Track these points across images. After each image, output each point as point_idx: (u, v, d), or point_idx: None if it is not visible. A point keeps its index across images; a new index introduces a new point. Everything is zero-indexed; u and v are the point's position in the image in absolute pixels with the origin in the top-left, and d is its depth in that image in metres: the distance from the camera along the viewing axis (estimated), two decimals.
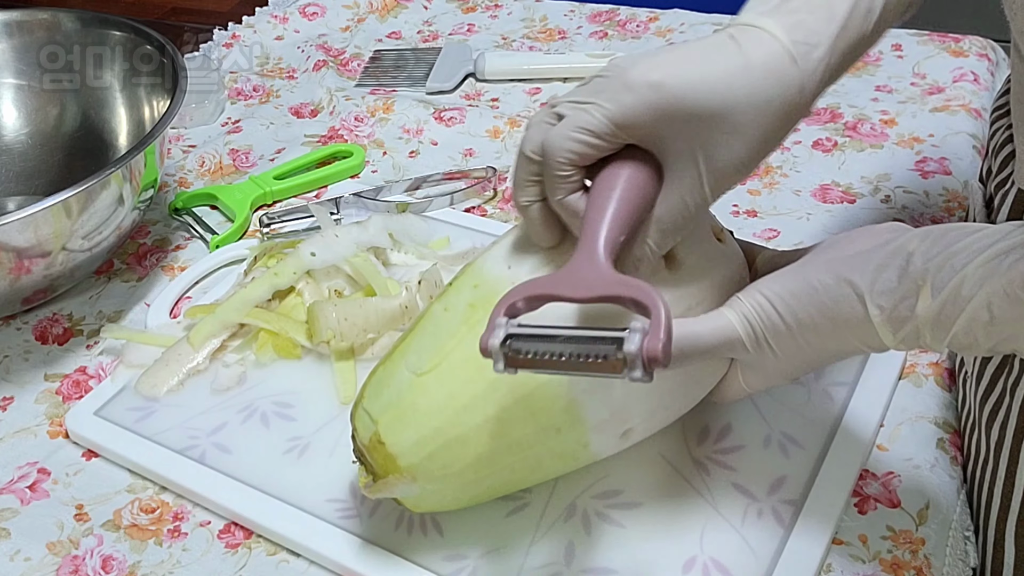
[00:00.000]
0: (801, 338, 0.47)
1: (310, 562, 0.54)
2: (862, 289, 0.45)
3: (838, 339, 0.46)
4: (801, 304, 0.46)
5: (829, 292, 0.46)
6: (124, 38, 0.81)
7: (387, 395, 0.50)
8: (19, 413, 0.65)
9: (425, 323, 0.51)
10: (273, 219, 0.79)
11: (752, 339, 0.47)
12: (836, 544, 0.53)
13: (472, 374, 0.48)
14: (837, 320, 0.45)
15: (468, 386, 0.48)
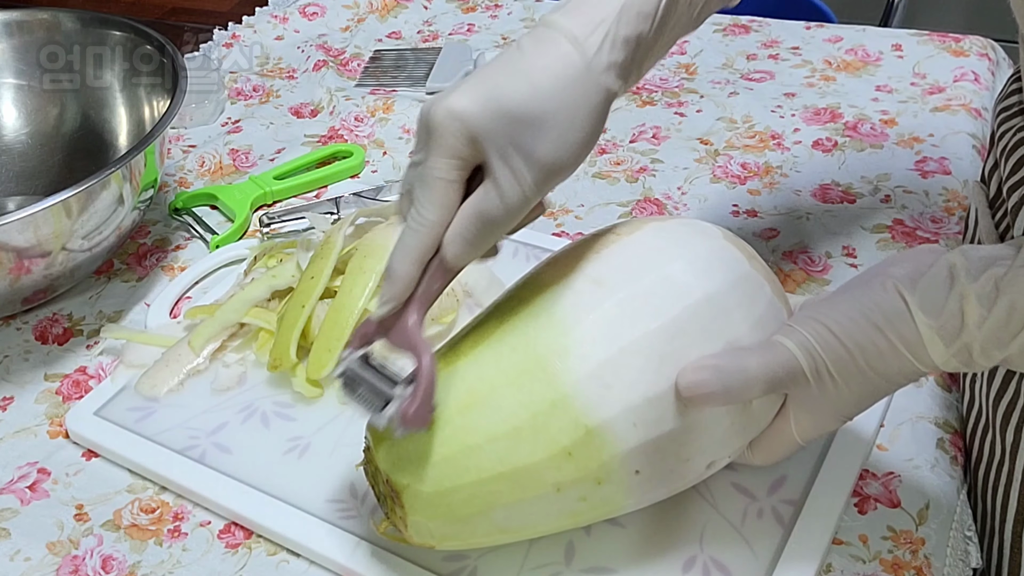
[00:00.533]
0: (862, 361, 0.45)
1: (310, 562, 0.54)
2: (913, 304, 0.44)
3: (896, 360, 0.45)
4: (858, 326, 0.45)
5: (882, 310, 0.45)
6: (124, 38, 0.81)
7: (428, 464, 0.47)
8: (19, 413, 0.65)
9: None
10: (273, 219, 0.79)
11: (813, 369, 0.45)
12: (836, 544, 0.53)
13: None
14: (893, 338, 0.45)
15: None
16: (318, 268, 0.64)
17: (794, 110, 0.91)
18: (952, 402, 0.62)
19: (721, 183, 0.82)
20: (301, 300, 0.63)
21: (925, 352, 0.44)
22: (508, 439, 0.45)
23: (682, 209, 0.79)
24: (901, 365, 0.45)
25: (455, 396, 0.47)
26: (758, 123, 0.89)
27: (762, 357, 0.45)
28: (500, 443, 0.45)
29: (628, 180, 0.83)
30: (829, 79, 0.95)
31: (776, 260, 0.73)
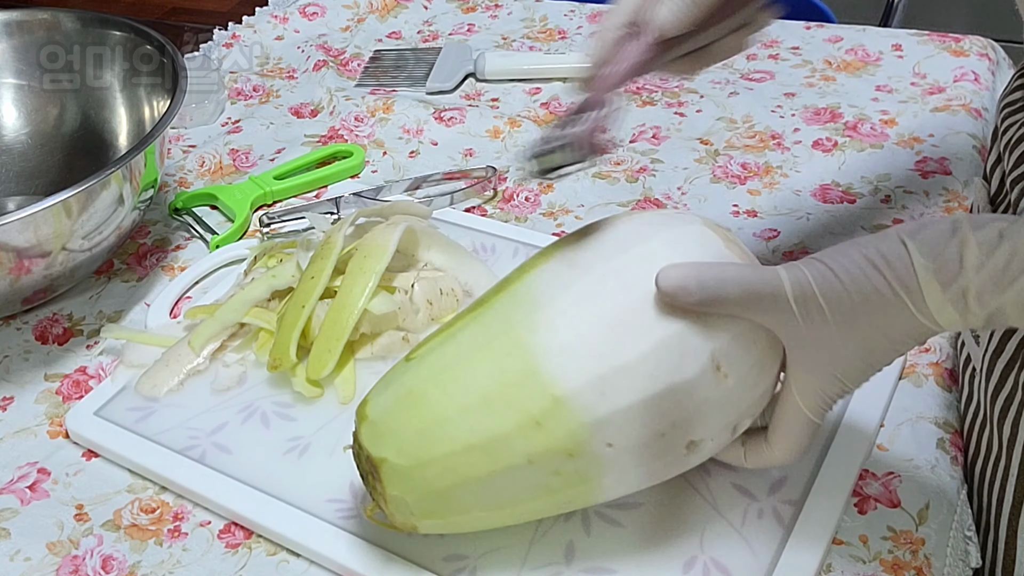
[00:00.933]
0: (857, 297, 0.44)
1: (310, 562, 0.54)
2: (912, 247, 0.44)
3: (893, 306, 0.44)
4: (853, 262, 0.44)
5: (881, 251, 0.44)
6: (124, 38, 0.81)
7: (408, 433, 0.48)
8: (19, 413, 0.65)
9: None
10: (273, 219, 0.79)
11: (799, 294, 0.45)
12: (836, 544, 0.53)
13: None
14: (889, 277, 0.44)
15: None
16: (318, 268, 0.64)
17: (794, 110, 0.91)
18: (952, 402, 0.62)
19: (721, 183, 0.82)
20: (301, 300, 0.63)
21: (921, 297, 0.43)
22: (479, 410, 0.46)
23: (682, 209, 0.79)
24: (899, 313, 0.44)
25: (430, 370, 0.49)
26: (758, 123, 0.89)
27: (744, 267, 0.46)
28: (471, 414, 0.46)
29: (628, 180, 0.83)
30: (829, 79, 0.95)
31: (776, 260, 0.73)
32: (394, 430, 0.48)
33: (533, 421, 0.46)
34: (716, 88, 0.95)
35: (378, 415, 0.49)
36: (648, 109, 0.92)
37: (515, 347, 0.47)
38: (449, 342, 0.49)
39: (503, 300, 0.49)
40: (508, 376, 0.46)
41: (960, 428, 0.61)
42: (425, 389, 0.48)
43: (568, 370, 0.45)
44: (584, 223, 0.77)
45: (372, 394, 0.50)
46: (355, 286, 0.63)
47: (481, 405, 0.46)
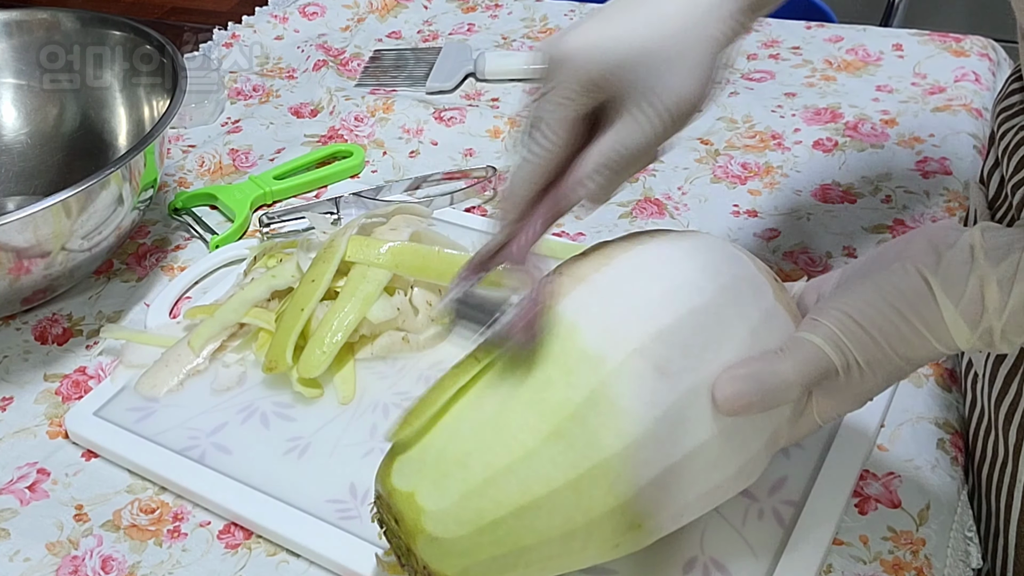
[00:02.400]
0: (888, 348, 0.44)
1: (310, 562, 0.54)
2: (936, 287, 0.44)
3: (920, 344, 0.44)
4: (881, 313, 0.44)
5: (905, 294, 0.44)
6: (124, 38, 0.81)
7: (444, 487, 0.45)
8: (19, 413, 0.65)
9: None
10: (273, 219, 0.79)
11: (844, 364, 0.45)
12: (837, 544, 0.53)
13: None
14: (916, 323, 0.44)
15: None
16: (319, 272, 0.64)
17: (794, 110, 0.90)
18: (952, 402, 0.62)
19: (721, 183, 0.82)
20: (300, 303, 0.63)
21: (949, 336, 0.44)
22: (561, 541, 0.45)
23: (682, 209, 0.79)
24: (925, 348, 0.44)
25: (481, 466, 0.44)
26: (758, 123, 0.89)
27: (794, 359, 0.45)
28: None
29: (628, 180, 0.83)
30: (829, 79, 0.95)
31: (776, 260, 0.73)
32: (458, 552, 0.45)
33: (612, 544, 0.45)
34: None
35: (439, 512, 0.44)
36: None
37: (603, 475, 0.44)
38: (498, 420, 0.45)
39: (578, 404, 0.44)
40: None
41: (961, 430, 0.61)
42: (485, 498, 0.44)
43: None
44: (584, 223, 0.78)
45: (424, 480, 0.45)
46: (356, 293, 0.63)
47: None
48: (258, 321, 0.65)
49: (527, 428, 0.44)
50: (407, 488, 0.45)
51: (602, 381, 0.44)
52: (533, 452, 0.44)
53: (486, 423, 0.45)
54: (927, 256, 0.45)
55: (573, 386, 0.44)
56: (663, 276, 0.47)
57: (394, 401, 0.62)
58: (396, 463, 0.46)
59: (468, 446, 0.44)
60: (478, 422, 0.45)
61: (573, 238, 0.77)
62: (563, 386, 0.44)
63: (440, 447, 0.45)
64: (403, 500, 0.45)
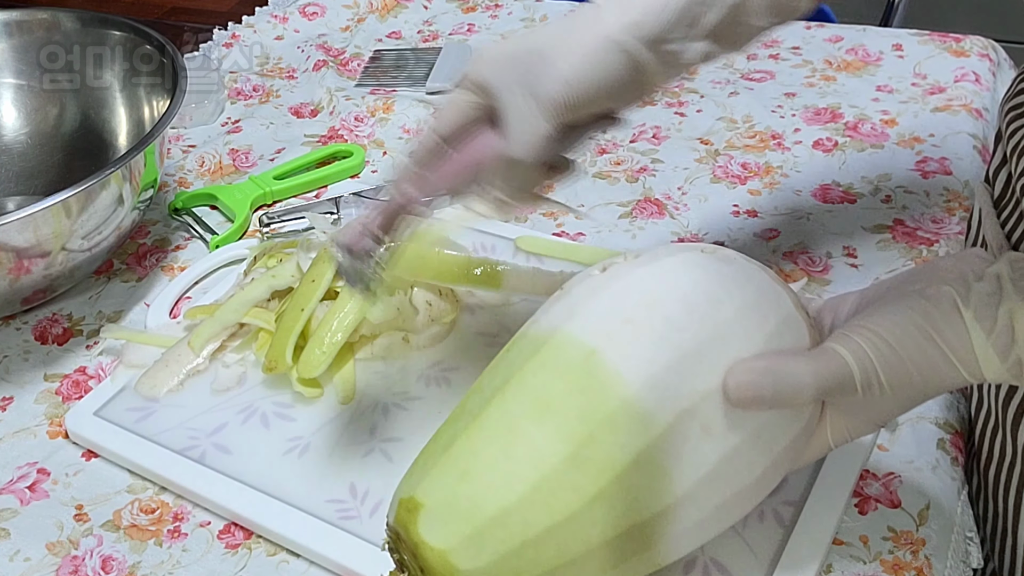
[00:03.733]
0: (914, 372, 0.44)
1: (310, 562, 0.54)
2: (968, 317, 0.43)
3: (948, 372, 0.44)
4: (911, 337, 0.44)
5: (936, 322, 0.44)
6: (124, 38, 0.81)
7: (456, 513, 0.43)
8: (19, 413, 0.65)
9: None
10: (273, 219, 0.79)
11: (865, 380, 0.44)
12: (837, 545, 0.53)
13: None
14: (947, 350, 0.44)
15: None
16: (319, 272, 0.64)
17: (794, 110, 0.90)
18: (953, 402, 0.62)
19: (721, 183, 0.82)
20: (300, 303, 0.63)
21: (977, 366, 0.43)
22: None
23: (682, 209, 0.79)
24: (951, 376, 0.44)
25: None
26: (758, 123, 0.89)
27: (815, 363, 0.44)
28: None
29: (628, 180, 0.83)
30: (829, 79, 0.95)
31: (776, 260, 0.73)
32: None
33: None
34: (716, 88, 0.95)
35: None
36: (648, 109, 0.92)
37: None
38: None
39: (625, 466, 0.43)
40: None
41: (961, 430, 0.61)
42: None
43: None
44: (584, 223, 0.78)
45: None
46: None
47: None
48: (258, 321, 0.65)
49: (570, 489, 0.42)
50: (439, 545, 0.43)
51: (650, 444, 0.42)
52: (576, 514, 0.42)
53: (524, 478, 0.42)
54: (958, 285, 0.44)
55: (620, 446, 0.42)
56: (714, 323, 0.45)
57: (394, 401, 0.62)
58: (424, 512, 0.43)
59: (506, 503, 0.42)
60: (515, 475, 0.43)
61: (573, 238, 0.77)
62: (608, 445, 0.42)
63: (474, 500, 0.43)
64: (434, 555, 0.43)
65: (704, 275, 0.46)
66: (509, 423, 0.44)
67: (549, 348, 0.45)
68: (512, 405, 0.44)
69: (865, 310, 0.46)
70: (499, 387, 0.45)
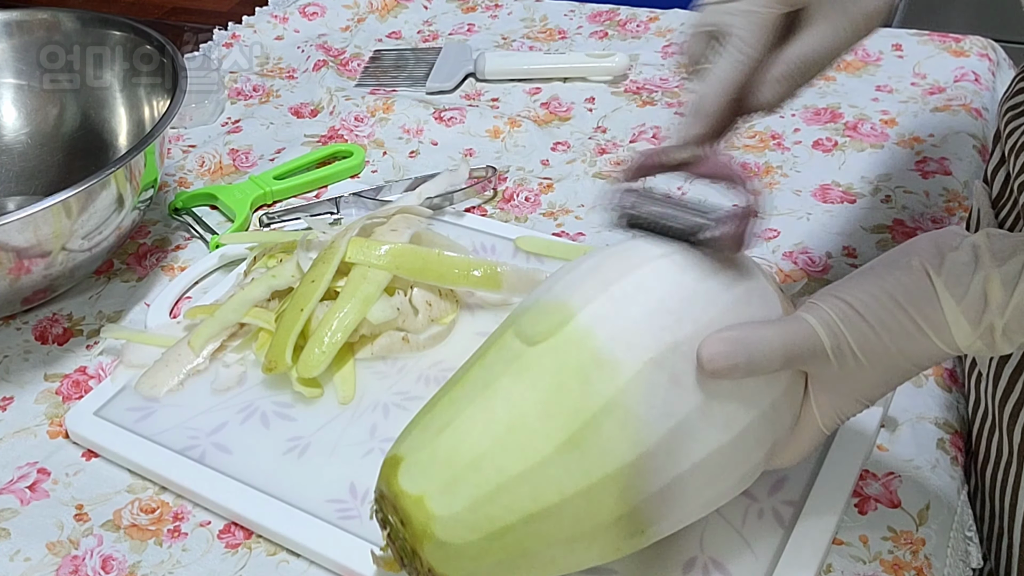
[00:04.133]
0: (887, 339, 0.44)
1: (310, 562, 0.54)
2: (939, 284, 0.43)
3: (921, 340, 0.44)
4: (881, 304, 0.44)
5: (907, 289, 0.44)
6: (124, 38, 0.81)
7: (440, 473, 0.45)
8: (19, 413, 0.65)
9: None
10: (273, 219, 0.79)
11: (835, 346, 0.44)
12: (836, 544, 0.53)
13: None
14: (917, 318, 0.44)
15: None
16: (319, 272, 0.64)
17: (794, 110, 0.90)
18: (952, 402, 0.62)
19: None
20: (300, 303, 0.63)
21: (950, 333, 0.43)
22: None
23: None
24: (926, 346, 0.44)
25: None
26: (758, 123, 0.89)
27: (783, 329, 0.45)
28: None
29: None
30: (829, 79, 0.95)
31: (776, 260, 0.73)
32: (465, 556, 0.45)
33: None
34: None
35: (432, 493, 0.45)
36: (648, 109, 0.92)
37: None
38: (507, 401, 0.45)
39: (594, 413, 0.44)
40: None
41: (961, 429, 0.61)
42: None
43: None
44: (584, 223, 0.78)
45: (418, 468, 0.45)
46: (356, 293, 0.63)
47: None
48: (258, 321, 0.65)
49: (542, 435, 0.44)
50: (416, 492, 0.45)
51: (619, 389, 0.44)
52: (547, 460, 0.44)
53: (499, 427, 0.44)
54: (931, 255, 0.44)
55: (589, 394, 0.44)
56: (681, 285, 0.46)
57: (394, 401, 0.62)
58: (404, 465, 0.46)
59: (480, 449, 0.44)
60: (490, 425, 0.45)
61: (573, 238, 0.77)
62: (579, 394, 0.44)
63: (451, 449, 0.45)
64: (412, 504, 0.44)
65: (706, 275, 0.47)
66: (487, 380, 0.46)
67: (528, 315, 0.47)
68: (492, 364, 0.46)
69: (839, 280, 0.47)
70: (481, 353, 0.48)
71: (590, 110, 0.92)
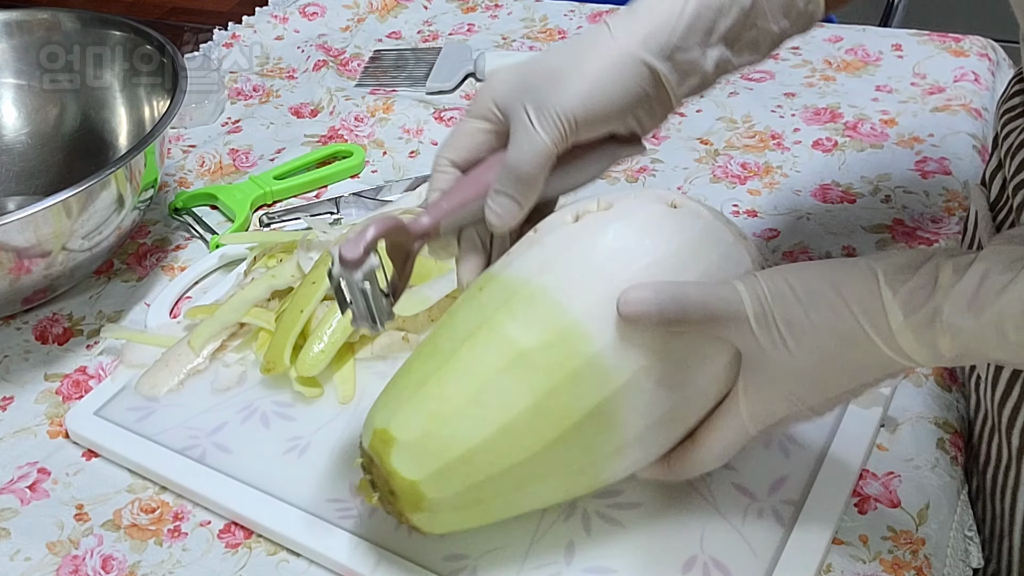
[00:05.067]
0: (814, 314, 0.43)
1: (310, 562, 0.54)
2: (879, 269, 0.43)
3: (849, 319, 0.43)
4: (814, 279, 0.44)
5: (845, 271, 0.44)
6: (124, 38, 0.81)
7: (414, 419, 0.48)
8: (19, 413, 0.65)
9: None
10: (273, 219, 0.79)
11: (759, 313, 0.44)
12: (836, 544, 0.53)
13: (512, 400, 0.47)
14: (848, 297, 0.43)
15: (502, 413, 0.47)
16: (320, 273, 0.64)
17: (794, 110, 0.91)
18: (952, 402, 0.62)
19: (721, 183, 0.82)
20: (300, 304, 0.63)
21: (886, 323, 0.42)
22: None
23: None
24: (859, 341, 0.43)
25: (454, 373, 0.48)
26: (758, 123, 0.89)
27: (706, 287, 0.45)
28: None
29: (628, 180, 0.83)
30: (829, 79, 0.95)
31: (776, 260, 0.73)
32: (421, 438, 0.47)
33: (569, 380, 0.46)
34: (716, 88, 0.95)
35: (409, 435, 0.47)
36: None
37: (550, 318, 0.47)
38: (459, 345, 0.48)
39: (582, 416, 0.46)
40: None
41: (961, 429, 0.61)
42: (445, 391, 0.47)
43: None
44: None
45: (391, 412, 0.48)
46: None
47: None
48: (258, 321, 0.65)
49: (532, 433, 0.46)
50: (411, 476, 0.47)
51: (607, 397, 0.46)
52: (535, 455, 0.47)
53: (490, 421, 0.46)
54: (879, 254, 0.45)
55: (580, 398, 0.46)
56: (653, 252, 0.47)
57: None
58: (397, 445, 0.47)
59: (472, 444, 0.46)
60: (481, 419, 0.47)
61: None
62: (570, 397, 0.46)
63: (443, 439, 0.47)
64: (405, 484, 0.47)
65: (673, 235, 0.48)
66: (479, 370, 0.47)
67: (521, 299, 0.47)
68: (483, 352, 0.47)
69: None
70: (472, 332, 0.48)
71: None
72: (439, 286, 0.65)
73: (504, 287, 0.48)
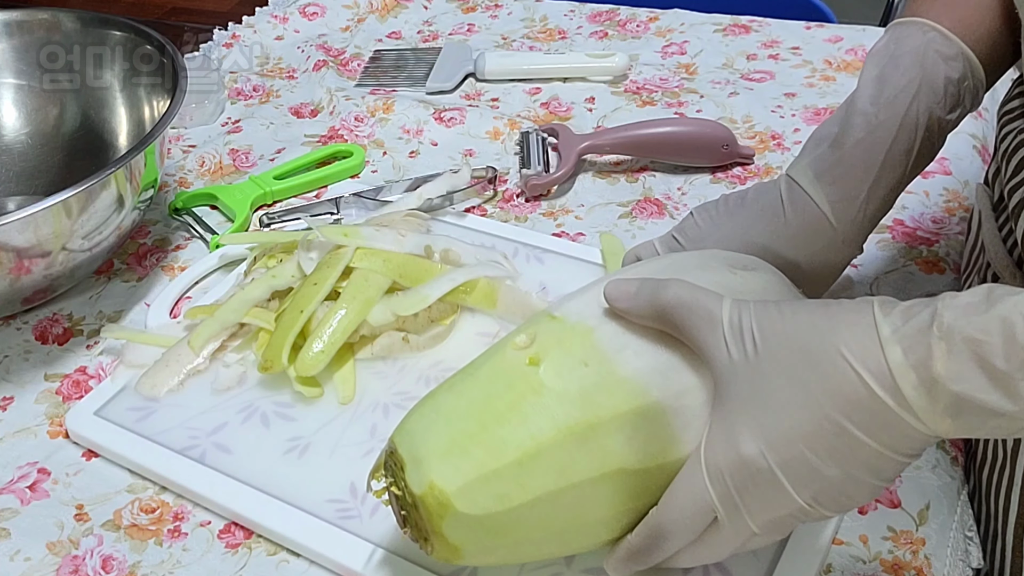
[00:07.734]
0: (795, 338, 0.40)
1: (310, 562, 0.54)
2: (876, 301, 0.39)
3: (837, 370, 0.39)
4: (806, 307, 0.41)
5: (841, 306, 0.40)
6: (124, 38, 0.81)
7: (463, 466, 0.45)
8: (19, 413, 0.65)
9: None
10: (273, 219, 0.79)
11: (735, 323, 0.42)
12: (836, 544, 0.53)
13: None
14: (834, 311, 0.40)
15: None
16: (322, 276, 0.64)
17: (794, 110, 0.90)
18: None
19: (721, 183, 0.82)
20: (300, 304, 0.63)
21: (872, 334, 0.38)
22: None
23: (682, 209, 0.79)
24: (845, 380, 0.38)
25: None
26: (758, 123, 0.89)
27: (691, 287, 0.44)
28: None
29: (628, 180, 0.83)
30: (829, 79, 0.95)
31: None
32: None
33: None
34: (716, 88, 0.95)
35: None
36: (648, 109, 0.92)
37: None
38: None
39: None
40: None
41: None
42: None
43: None
44: (584, 223, 0.78)
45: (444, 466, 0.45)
46: (357, 295, 0.63)
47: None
48: (258, 321, 0.65)
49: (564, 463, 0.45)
50: (442, 501, 0.45)
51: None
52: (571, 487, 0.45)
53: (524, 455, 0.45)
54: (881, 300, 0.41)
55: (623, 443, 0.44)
56: None
57: (394, 401, 0.62)
58: (433, 479, 0.45)
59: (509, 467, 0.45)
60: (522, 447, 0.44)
61: (573, 238, 0.77)
62: (611, 441, 0.44)
63: (477, 462, 0.45)
64: (436, 505, 0.45)
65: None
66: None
67: (574, 334, 0.46)
68: (532, 413, 0.45)
69: None
70: (509, 381, 0.46)
71: (590, 110, 0.92)
72: (439, 286, 0.65)
73: (558, 324, 0.48)
